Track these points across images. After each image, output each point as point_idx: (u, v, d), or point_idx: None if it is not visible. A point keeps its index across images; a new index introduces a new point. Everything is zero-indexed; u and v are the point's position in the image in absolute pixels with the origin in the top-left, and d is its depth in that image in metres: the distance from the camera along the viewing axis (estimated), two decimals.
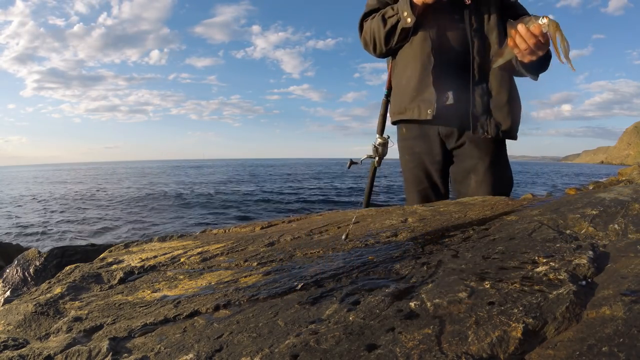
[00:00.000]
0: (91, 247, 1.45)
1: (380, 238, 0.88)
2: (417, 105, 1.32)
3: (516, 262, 0.63)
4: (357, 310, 0.52)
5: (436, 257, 0.70)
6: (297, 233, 1.03)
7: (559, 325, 0.44)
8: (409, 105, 1.34)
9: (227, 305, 0.62)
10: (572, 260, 0.60)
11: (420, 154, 1.41)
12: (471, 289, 0.54)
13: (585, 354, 0.37)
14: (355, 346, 0.44)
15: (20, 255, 1.30)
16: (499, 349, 0.41)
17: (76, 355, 0.53)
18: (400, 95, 1.39)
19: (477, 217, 0.96)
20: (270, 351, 0.45)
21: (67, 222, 8.75)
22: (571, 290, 0.50)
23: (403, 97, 1.37)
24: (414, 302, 0.52)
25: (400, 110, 1.38)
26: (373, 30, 1.34)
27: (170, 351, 0.50)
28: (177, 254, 0.99)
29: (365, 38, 1.38)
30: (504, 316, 0.46)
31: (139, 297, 0.74)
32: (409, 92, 1.34)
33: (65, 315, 0.70)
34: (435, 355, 0.40)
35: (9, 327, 0.69)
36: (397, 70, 1.41)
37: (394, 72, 1.43)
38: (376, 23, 1.32)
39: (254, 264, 0.83)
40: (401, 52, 1.37)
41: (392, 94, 1.45)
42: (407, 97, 1.35)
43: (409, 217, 1.05)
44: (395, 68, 1.42)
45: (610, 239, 0.70)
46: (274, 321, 0.54)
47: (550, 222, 0.81)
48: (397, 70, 1.41)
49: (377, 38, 1.34)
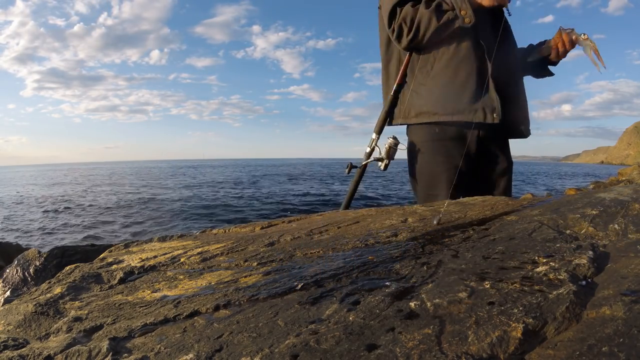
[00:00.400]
0: (91, 247, 1.45)
1: (380, 238, 0.88)
2: (481, 109, 1.30)
3: (516, 262, 0.63)
4: (357, 310, 0.52)
5: (436, 257, 0.70)
6: (297, 233, 1.03)
7: (559, 325, 0.44)
8: (468, 108, 1.31)
9: (227, 305, 0.62)
10: (572, 260, 0.60)
11: (456, 156, 1.37)
12: (471, 289, 0.54)
13: (585, 354, 0.37)
14: (355, 346, 0.44)
15: (20, 255, 1.30)
16: (499, 349, 0.41)
17: (76, 355, 0.53)
18: (449, 96, 1.33)
19: (477, 217, 0.96)
20: (270, 351, 0.45)
21: (67, 222, 8.75)
22: (571, 290, 0.50)
23: (457, 99, 1.32)
24: (414, 302, 0.52)
25: (454, 111, 1.33)
26: (419, 21, 1.27)
27: (170, 351, 0.50)
28: (177, 254, 0.99)
29: (402, 26, 1.31)
30: (504, 316, 0.46)
31: (139, 297, 0.74)
32: (468, 94, 1.30)
33: (65, 315, 0.70)
34: (435, 355, 0.40)
35: (9, 327, 0.69)
36: (439, 69, 1.34)
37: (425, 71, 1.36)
38: (426, 14, 1.26)
39: (254, 264, 0.83)
40: (444, 50, 1.33)
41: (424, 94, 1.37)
42: (464, 99, 1.31)
43: (409, 217, 1.05)
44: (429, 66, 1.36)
45: (610, 239, 0.70)
46: (274, 321, 0.54)
47: (550, 222, 0.81)
48: (439, 69, 1.34)
49: (421, 31, 1.28)
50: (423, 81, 1.37)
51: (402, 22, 1.31)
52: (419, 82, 1.38)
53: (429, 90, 1.37)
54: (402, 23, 1.31)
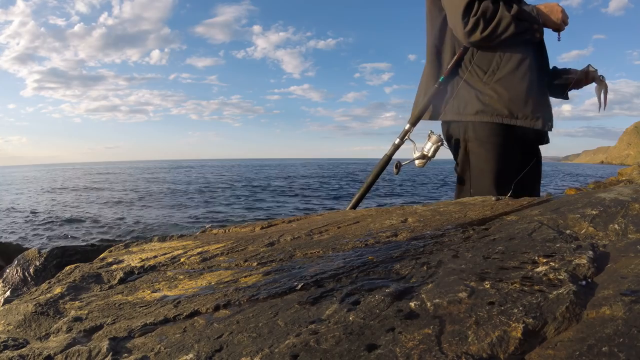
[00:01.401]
0: (91, 247, 1.45)
1: (380, 238, 0.88)
2: (541, 118, 1.39)
3: (516, 262, 0.63)
4: (357, 310, 0.52)
5: (436, 257, 0.70)
6: (297, 233, 1.03)
7: (559, 325, 0.44)
8: (530, 115, 1.38)
9: (227, 305, 0.62)
10: (572, 260, 0.60)
11: (513, 154, 1.44)
12: (471, 289, 0.54)
13: (585, 354, 0.37)
14: (355, 346, 0.44)
15: (20, 255, 1.30)
16: (499, 349, 0.41)
17: (76, 355, 0.53)
18: (516, 101, 1.38)
19: (477, 217, 0.96)
20: (270, 351, 0.45)
21: (67, 222, 8.75)
22: (571, 290, 0.50)
23: (522, 104, 1.38)
24: (414, 302, 0.52)
25: (519, 116, 1.38)
26: (500, 21, 1.30)
27: (170, 351, 0.50)
28: (177, 254, 0.99)
29: (479, 20, 1.31)
30: (504, 316, 0.46)
31: (139, 297, 0.74)
32: (532, 102, 1.38)
33: (65, 315, 0.70)
34: (435, 355, 0.40)
35: (9, 327, 0.69)
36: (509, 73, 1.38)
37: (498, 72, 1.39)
38: (509, 18, 1.30)
39: (254, 264, 0.83)
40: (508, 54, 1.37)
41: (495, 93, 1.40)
42: (528, 106, 1.38)
43: (409, 217, 1.05)
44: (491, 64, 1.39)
45: (610, 239, 0.70)
46: (274, 321, 0.54)
47: (550, 222, 0.81)
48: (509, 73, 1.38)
49: (501, 30, 1.31)
50: (487, 80, 1.38)
51: (481, 17, 1.30)
52: (480, 80, 1.39)
53: (493, 90, 1.38)
54: (481, 18, 1.30)
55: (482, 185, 1.46)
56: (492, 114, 1.38)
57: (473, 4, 1.31)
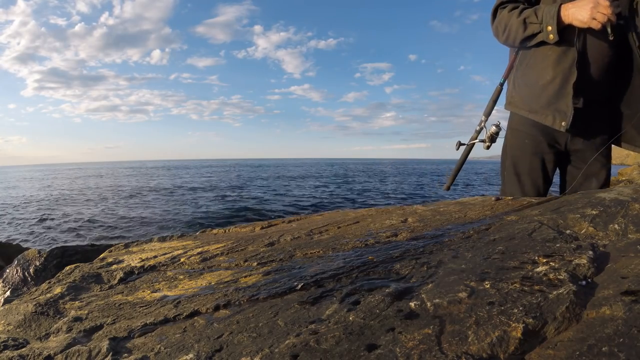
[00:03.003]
0: (91, 247, 1.45)
1: (380, 238, 0.88)
2: (552, 114, 1.36)
3: (516, 262, 0.63)
4: (357, 310, 0.52)
5: (436, 257, 0.70)
6: (297, 233, 1.03)
7: (559, 325, 0.44)
8: (541, 110, 1.38)
9: (227, 305, 0.62)
10: (572, 260, 0.60)
11: (540, 142, 1.45)
12: (471, 289, 0.54)
13: (585, 354, 0.37)
14: (355, 346, 0.44)
15: (20, 255, 1.30)
16: (499, 349, 0.41)
17: (76, 355, 0.53)
18: (531, 95, 1.42)
19: (477, 217, 0.96)
20: (270, 351, 0.45)
21: (67, 222, 8.75)
22: (571, 290, 0.50)
23: (535, 99, 1.40)
24: (414, 302, 0.52)
25: (531, 109, 1.41)
26: (509, 27, 1.35)
27: (170, 351, 0.50)
28: (177, 254, 0.99)
29: (498, 28, 1.39)
30: (504, 316, 0.46)
31: (139, 297, 0.74)
32: (545, 97, 1.37)
33: (65, 315, 0.70)
34: (435, 355, 0.40)
35: (9, 327, 0.69)
36: (528, 67, 1.42)
37: (522, 66, 1.44)
38: (516, 23, 1.33)
39: (254, 264, 0.83)
40: (538, 50, 1.37)
41: (517, 86, 1.47)
42: (540, 101, 1.38)
43: (409, 217, 1.05)
44: (524, 63, 1.43)
45: (610, 239, 0.70)
46: (274, 321, 0.53)
47: (550, 222, 0.81)
48: (528, 67, 1.42)
49: (511, 36, 1.36)
50: (518, 75, 1.47)
51: (498, 24, 1.39)
52: (515, 75, 1.49)
53: (519, 84, 1.47)
54: (498, 26, 1.40)
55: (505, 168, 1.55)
56: (515, 106, 1.48)
57: (497, 12, 1.39)
